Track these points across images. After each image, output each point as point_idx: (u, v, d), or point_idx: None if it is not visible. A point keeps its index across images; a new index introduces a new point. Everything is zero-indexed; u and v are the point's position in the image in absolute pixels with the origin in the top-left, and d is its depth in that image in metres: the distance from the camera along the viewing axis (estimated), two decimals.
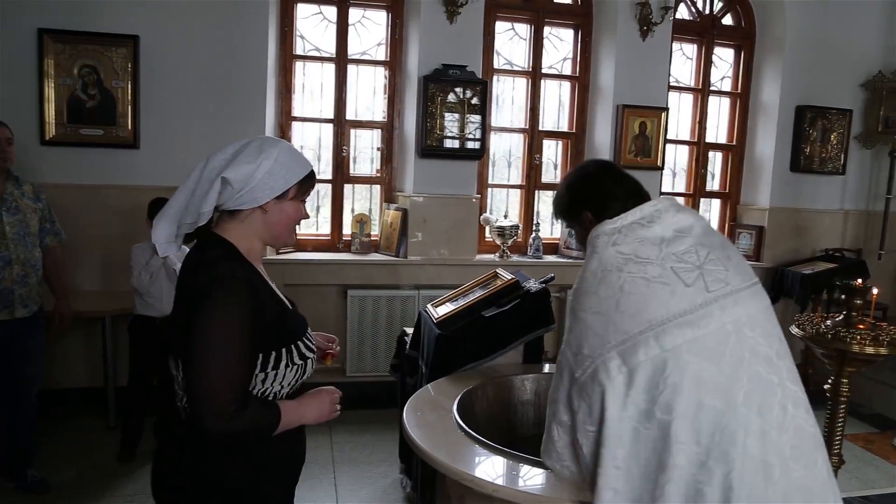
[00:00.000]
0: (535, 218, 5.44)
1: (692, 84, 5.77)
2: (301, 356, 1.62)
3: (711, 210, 6.06)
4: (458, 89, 4.80)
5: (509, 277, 2.95)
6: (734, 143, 5.92)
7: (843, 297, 2.61)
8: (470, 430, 2.04)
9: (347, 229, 5.09)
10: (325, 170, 5.06)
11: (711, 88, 5.80)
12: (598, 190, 1.78)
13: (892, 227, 5.79)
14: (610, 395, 1.52)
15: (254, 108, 4.54)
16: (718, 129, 5.95)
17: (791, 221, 5.75)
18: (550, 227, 5.63)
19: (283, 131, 4.85)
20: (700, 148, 5.83)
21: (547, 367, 2.79)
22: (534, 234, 5.34)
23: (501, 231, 5.14)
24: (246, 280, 1.51)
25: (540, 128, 5.41)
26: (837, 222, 5.94)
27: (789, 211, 5.74)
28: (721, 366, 1.48)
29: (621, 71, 5.19)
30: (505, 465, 1.87)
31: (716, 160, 5.99)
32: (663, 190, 5.62)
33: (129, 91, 4.31)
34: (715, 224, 6.08)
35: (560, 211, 1.91)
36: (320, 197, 5.14)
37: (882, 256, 5.76)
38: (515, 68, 5.32)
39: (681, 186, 5.91)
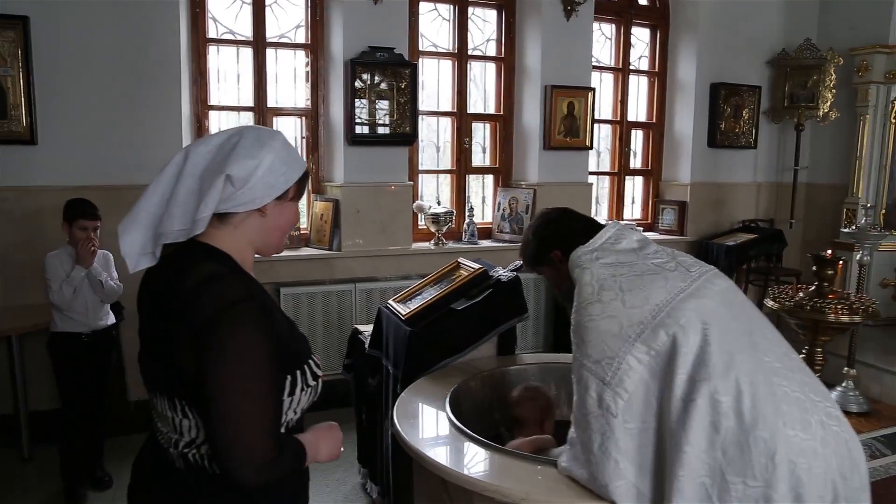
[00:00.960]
0: (467, 203, 5.34)
1: (612, 64, 5.82)
2: (314, 376, 1.42)
3: (635, 187, 6.18)
4: (386, 73, 4.60)
5: (476, 267, 2.82)
6: (654, 121, 6.05)
7: (813, 267, 2.68)
8: (481, 438, 1.90)
9: None
10: None
11: (631, 68, 5.89)
12: (562, 229, 1.94)
13: (800, 197, 6.11)
14: (651, 382, 1.55)
15: (167, 96, 4.16)
16: (638, 107, 6.06)
17: (711, 195, 5.95)
18: (482, 212, 5.55)
19: (200, 121, 4.48)
20: (623, 127, 5.91)
21: (528, 357, 2.71)
22: (468, 220, 5.24)
23: (436, 218, 5.01)
24: (260, 300, 1.29)
25: (469, 111, 5.29)
26: (751, 194, 6.21)
27: (709, 185, 5.93)
28: (730, 323, 1.60)
29: (547, 51, 5.14)
30: (529, 471, 1.75)
31: (637, 138, 6.10)
32: (590, 169, 5.65)
33: (21, 80, 3.83)
34: (639, 200, 6.22)
35: (530, 256, 2.03)
36: None
37: (792, 225, 6.06)
38: (441, 50, 5.17)
39: (605, 165, 5.98)
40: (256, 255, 1.44)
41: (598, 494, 1.58)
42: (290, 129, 4.84)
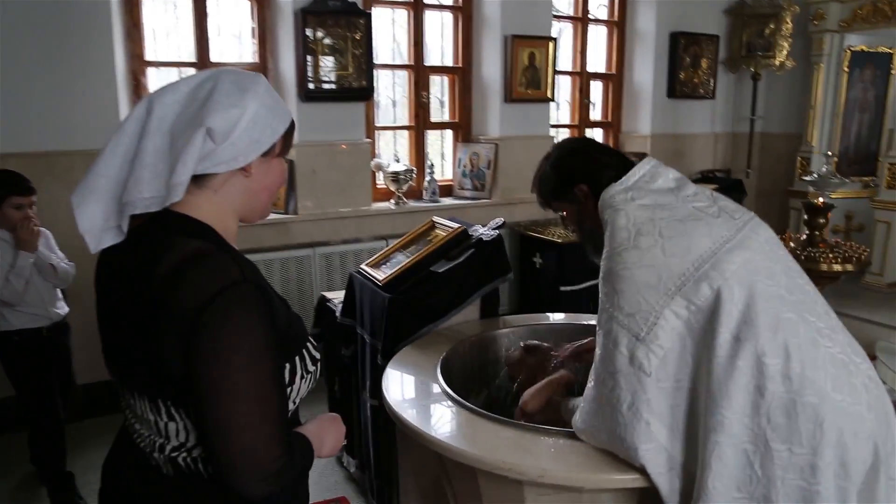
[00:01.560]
0: (427, 160, 5.14)
1: (572, 13, 5.65)
2: (313, 360, 1.24)
3: (596, 139, 6.06)
4: (340, 23, 4.31)
5: (455, 226, 2.66)
6: (614, 72, 5.92)
7: (805, 216, 2.61)
8: (485, 411, 1.77)
9: None
10: None
11: (590, 17, 5.72)
12: (589, 161, 1.75)
13: (755, 146, 6.13)
14: (688, 339, 1.43)
15: (98, 50, 3.77)
16: (597, 58, 5.92)
17: (671, 146, 5.90)
18: (442, 168, 5.36)
19: (136, 78, 4.11)
20: (583, 78, 5.77)
21: (512, 319, 2.57)
22: (429, 178, 5.05)
23: (396, 176, 4.80)
24: (254, 279, 1.10)
25: (425, 63, 5.05)
26: (709, 145, 6.19)
27: (669, 136, 5.88)
28: (775, 278, 1.47)
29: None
30: (541, 444, 1.62)
31: (597, 90, 5.97)
32: (551, 122, 5.51)
33: None
34: None
35: (548, 191, 1.83)
36: None
37: (749, 175, 6.09)
38: None
39: (565, 118, 5.85)
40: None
41: (623, 457, 1.47)
42: None
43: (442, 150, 5.42)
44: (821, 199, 2.53)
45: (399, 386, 1.99)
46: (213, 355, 1.03)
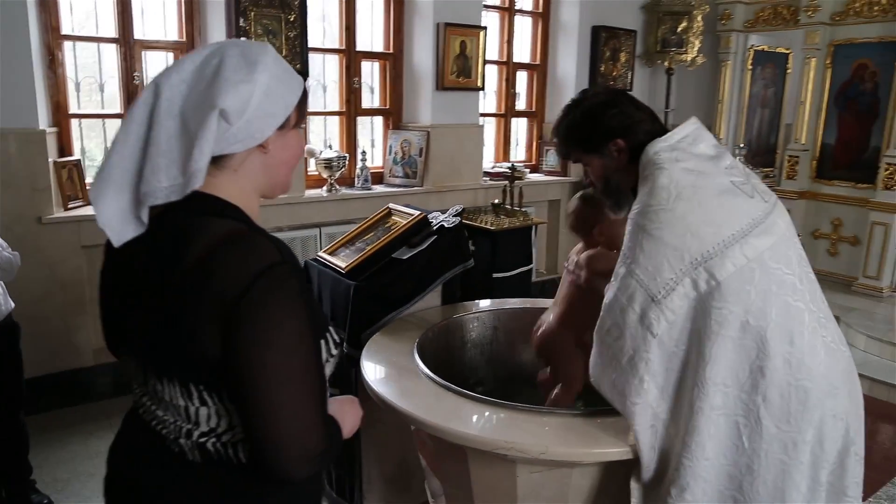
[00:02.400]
0: (358, 147, 5.10)
1: (499, 3, 5.73)
2: (335, 343, 1.23)
3: (520, 129, 6.21)
4: (274, 3, 4.18)
5: (415, 213, 2.67)
6: (538, 62, 6.06)
7: None
8: (477, 394, 1.81)
9: None
10: (111, 104, 4.16)
11: (516, 8, 5.82)
12: (626, 116, 1.68)
13: None
14: (700, 310, 1.47)
15: (12, 21, 3.49)
16: (522, 48, 6.04)
17: None
18: (372, 155, 5.33)
19: (52, 52, 3.83)
20: (509, 68, 5.88)
21: (465, 306, 2.62)
22: (361, 164, 5.00)
23: (328, 163, 4.72)
24: (291, 260, 1.07)
25: (357, 48, 4.99)
26: None
27: None
28: (792, 267, 1.52)
29: None
30: (536, 423, 1.68)
31: (522, 80, 6.10)
32: (480, 111, 5.58)
33: None
34: (523, 142, 6.28)
35: (578, 142, 1.75)
36: (108, 137, 4.23)
37: None
38: None
39: (491, 107, 5.94)
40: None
41: (618, 408, 1.54)
42: (161, 66, 4.28)
43: (372, 136, 5.38)
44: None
45: (380, 373, 1.99)
46: (257, 340, 1.01)
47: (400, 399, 1.79)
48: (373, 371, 2.00)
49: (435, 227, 2.60)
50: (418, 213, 2.67)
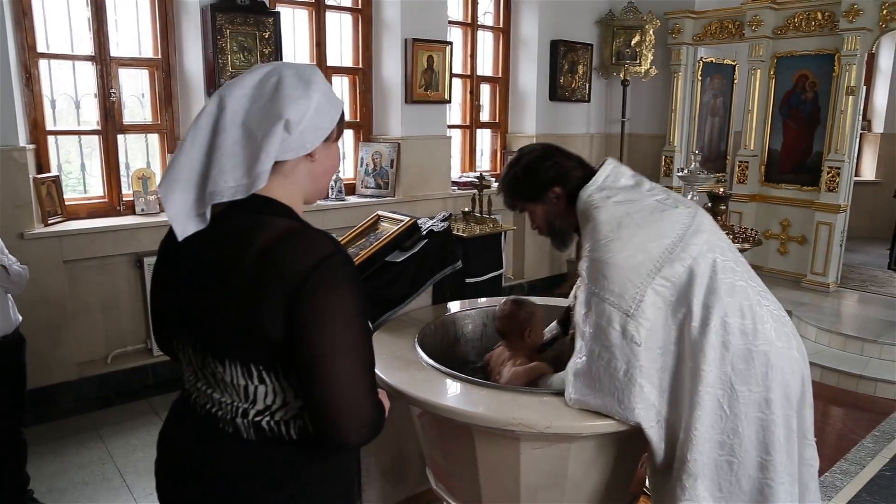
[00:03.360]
0: None
1: (462, 19, 5.94)
2: (370, 331, 1.37)
3: (484, 140, 6.42)
4: (248, 21, 4.30)
5: (405, 219, 2.81)
6: (500, 75, 6.29)
7: (708, 204, 3.04)
8: (479, 379, 1.96)
9: (126, 188, 4.33)
10: (88, 119, 4.20)
11: (478, 23, 6.05)
12: (558, 166, 1.94)
13: (626, 146, 6.76)
14: (667, 312, 1.70)
15: None
16: (485, 62, 6.26)
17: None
18: (343, 167, 5.45)
19: (28, 70, 3.87)
20: (473, 81, 6.09)
21: (455, 305, 2.78)
22: (335, 176, 5.12)
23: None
24: (344, 251, 1.21)
25: (328, 64, 5.13)
26: (586, 144, 6.75)
27: (551, 137, 6.31)
28: (727, 253, 1.78)
29: (406, 4, 5.11)
30: (535, 402, 1.84)
31: (485, 92, 6.32)
32: (447, 122, 5.77)
33: None
34: (487, 152, 6.49)
35: (522, 193, 2.00)
36: (85, 153, 4.27)
37: None
38: None
39: (457, 119, 6.14)
40: (99, 224, 1.22)
41: (618, 418, 1.71)
42: (138, 83, 4.36)
43: (343, 149, 5.51)
44: (721, 189, 3.00)
45: (387, 366, 2.12)
46: (319, 318, 1.14)
47: (410, 387, 1.94)
48: (381, 364, 2.13)
49: (425, 232, 2.76)
50: (409, 218, 2.82)
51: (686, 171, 4.73)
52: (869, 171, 8.86)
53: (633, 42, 6.47)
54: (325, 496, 1.29)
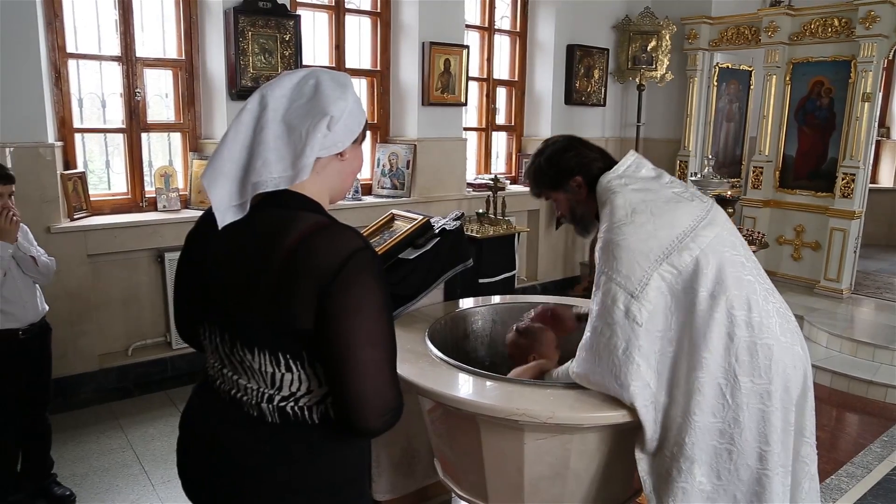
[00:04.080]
0: None
1: (479, 23, 6.02)
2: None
3: (500, 142, 6.49)
4: (270, 24, 4.41)
5: (419, 217, 2.89)
6: (517, 79, 6.36)
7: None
8: (485, 371, 2.03)
9: (149, 185, 4.45)
10: (113, 118, 4.32)
11: (495, 27, 6.12)
12: (580, 156, 2.02)
13: (640, 150, 6.79)
14: (671, 297, 1.76)
15: (24, 41, 3.66)
16: (501, 65, 6.33)
17: None
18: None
19: (58, 70, 4.00)
20: (489, 84, 6.16)
21: (466, 302, 2.85)
22: None
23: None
24: (371, 246, 1.29)
25: (346, 66, 5.23)
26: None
27: None
28: (738, 249, 1.85)
29: (424, 8, 5.20)
30: (540, 394, 1.91)
31: (501, 96, 6.39)
32: (463, 125, 5.85)
33: None
34: (503, 155, 6.55)
35: (546, 183, 2.09)
36: (110, 151, 4.40)
37: None
38: (318, 2, 5.03)
39: (473, 121, 6.21)
40: (123, 220, 1.30)
41: (613, 394, 1.78)
42: (161, 83, 4.48)
43: None
44: (729, 193, 3.04)
45: (400, 361, 2.18)
46: (349, 311, 1.21)
47: (420, 378, 2.01)
48: None
49: (437, 230, 2.83)
50: (422, 217, 2.90)
51: (699, 176, 4.77)
52: (887, 179, 8.81)
53: (649, 47, 6.51)
54: (339, 479, 1.36)
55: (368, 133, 5.44)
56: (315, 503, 1.33)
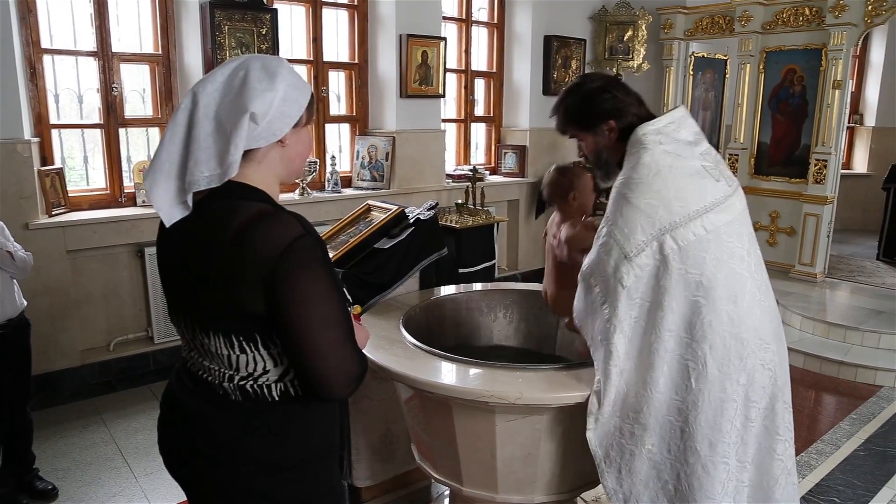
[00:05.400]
0: (327, 152, 5.34)
1: (457, 15, 6.05)
2: (348, 301, 1.50)
3: (479, 133, 6.53)
4: (246, 18, 4.42)
5: (393, 208, 2.94)
6: (494, 70, 6.40)
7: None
8: (457, 356, 2.09)
9: (128, 181, 4.45)
10: (90, 114, 4.32)
11: (472, 19, 6.15)
12: (617, 101, 1.92)
13: None
14: (663, 269, 1.76)
15: None
16: (479, 57, 6.37)
17: (546, 140, 6.48)
18: (339, 160, 5.57)
19: (33, 66, 3.99)
20: (467, 76, 6.20)
21: (440, 290, 2.91)
22: (331, 169, 5.25)
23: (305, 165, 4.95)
24: (314, 231, 1.33)
25: (324, 59, 5.24)
26: None
27: (544, 131, 6.44)
28: (742, 242, 1.82)
29: (400, 0, 5.22)
30: (509, 376, 1.97)
31: (479, 87, 6.43)
32: (442, 116, 5.88)
33: None
34: (482, 146, 6.60)
35: (575, 121, 1.99)
36: (88, 146, 4.39)
37: None
38: None
39: (452, 112, 6.25)
40: (102, 216, 1.35)
41: (590, 344, 1.84)
42: (137, 77, 4.48)
43: (339, 142, 5.63)
44: None
45: (373, 346, 2.24)
46: (298, 298, 1.26)
47: (394, 364, 2.06)
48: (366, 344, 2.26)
49: (412, 220, 2.88)
50: (396, 207, 2.95)
51: None
52: (861, 165, 8.96)
53: (625, 37, 6.57)
54: (305, 454, 1.42)
55: (347, 126, 5.49)
56: (281, 477, 1.39)
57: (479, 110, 6.46)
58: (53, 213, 4.00)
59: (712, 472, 1.78)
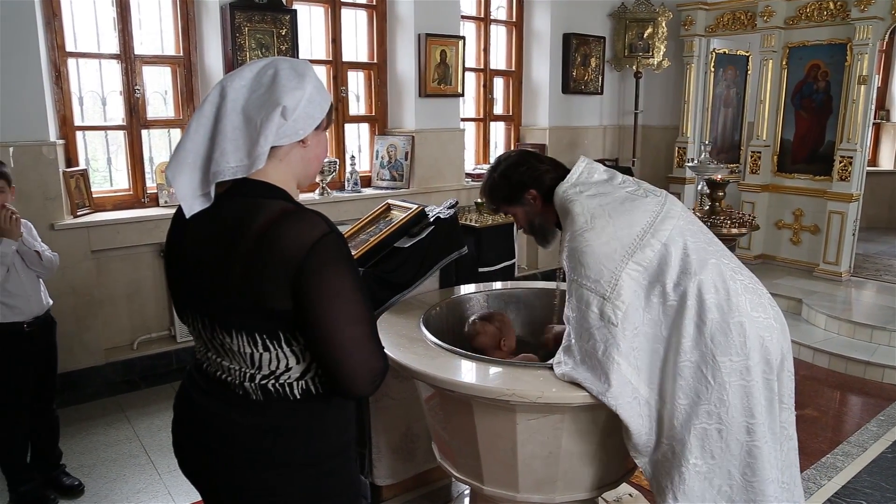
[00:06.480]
0: (347, 152, 5.36)
1: (475, 14, 6.04)
2: (370, 298, 1.50)
3: (498, 132, 6.52)
4: (266, 19, 4.45)
5: (413, 207, 2.94)
6: (514, 69, 6.39)
7: (706, 190, 3.13)
8: (478, 355, 2.09)
9: (150, 181, 4.51)
10: (114, 115, 4.38)
11: (491, 18, 6.14)
12: (532, 170, 2.10)
13: (639, 137, 6.82)
14: (641, 293, 1.82)
15: (24, 40, 3.70)
16: (498, 56, 6.36)
17: (566, 138, 6.46)
18: (359, 160, 5.59)
19: (58, 69, 4.05)
20: (486, 75, 6.19)
21: (461, 289, 2.90)
22: (350, 169, 5.27)
23: (322, 168, 4.98)
24: (337, 231, 1.33)
25: (343, 59, 5.26)
26: (599, 136, 6.82)
27: (563, 129, 6.43)
28: (698, 236, 1.93)
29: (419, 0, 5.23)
30: (531, 375, 1.96)
31: (498, 86, 6.42)
32: (461, 115, 5.88)
33: None
34: (501, 145, 6.59)
35: (503, 198, 2.17)
36: (111, 148, 4.45)
37: (634, 163, 6.77)
38: None
39: (471, 112, 6.25)
40: (125, 216, 1.35)
41: (597, 394, 1.82)
42: (160, 79, 4.53)
43: (359, 142, 5.65)
44: (719, 177, 3.08)
45: (394, 344, 2.25)
46: (324, 295, 1.27)
47: (415, 362, 2.06)
48: (387, 342, 2.26)
49: (432, 219, 2.88)
50: (417, 206, 2.94)
51: (696, 162, 4.80)
52: (887, 161, 8.81)
53: (645, 34, 6.52)
54: (323, 452, 1.42)
55: (367, 125, 5.50)
56: (300, 474, 1.40)
57: (499, 109, 6.45)
58: (78, 213, 4.05)
59: (759, 456, 1.80)
